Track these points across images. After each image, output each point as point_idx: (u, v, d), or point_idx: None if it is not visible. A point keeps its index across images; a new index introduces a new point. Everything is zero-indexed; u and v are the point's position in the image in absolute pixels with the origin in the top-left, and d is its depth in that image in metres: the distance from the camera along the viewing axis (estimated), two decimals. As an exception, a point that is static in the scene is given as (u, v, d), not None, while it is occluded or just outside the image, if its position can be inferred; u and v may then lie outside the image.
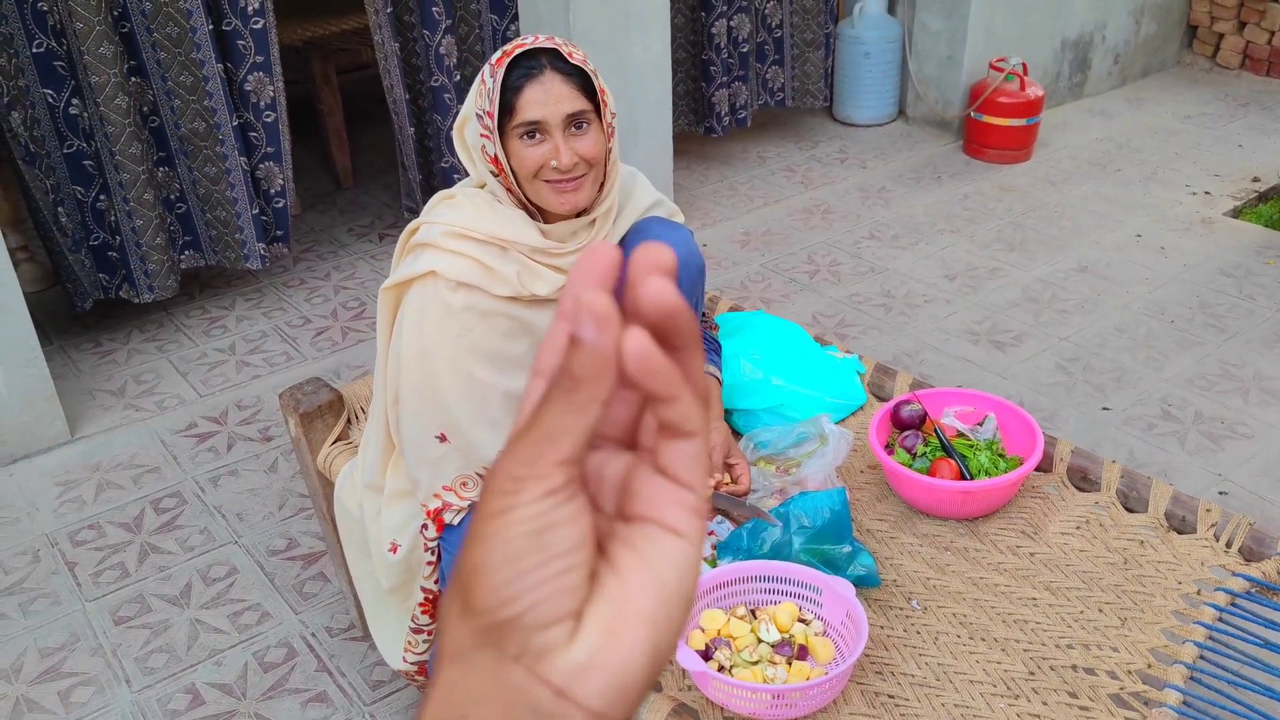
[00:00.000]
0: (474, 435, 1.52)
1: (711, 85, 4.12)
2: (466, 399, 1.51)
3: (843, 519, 1.56)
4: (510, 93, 1.45)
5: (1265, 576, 1.53)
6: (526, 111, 1.45)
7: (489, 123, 1.47)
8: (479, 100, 1.48)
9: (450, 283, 1.47)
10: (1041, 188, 4.12)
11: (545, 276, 1.54)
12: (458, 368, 1.49)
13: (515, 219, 1.53)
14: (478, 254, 1.49)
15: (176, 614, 2.22)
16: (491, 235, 1.50)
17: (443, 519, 1.56)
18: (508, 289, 1.50)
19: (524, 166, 1.48)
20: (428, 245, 1.50)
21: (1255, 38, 5.19)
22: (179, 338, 3.25)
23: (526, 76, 1.45)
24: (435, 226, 1.51)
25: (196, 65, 2.94)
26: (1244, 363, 2.95)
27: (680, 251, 1.63)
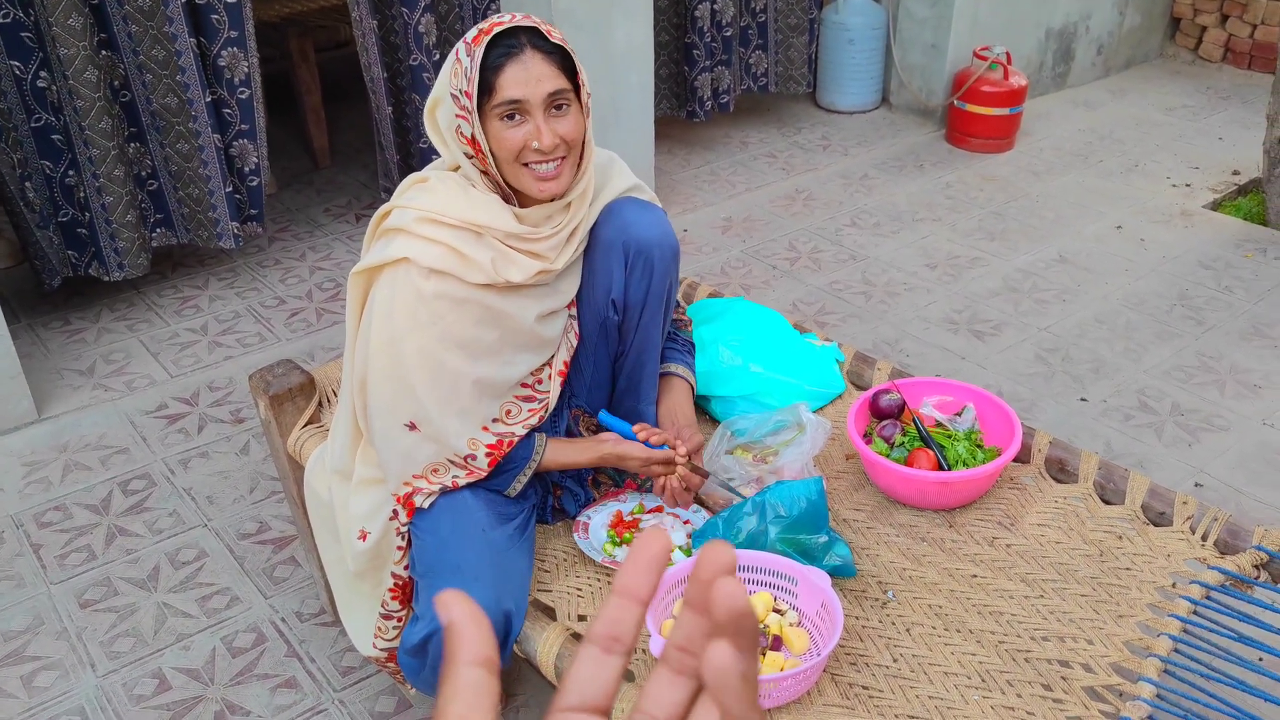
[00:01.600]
0: (444, 424, 1.49)
1: (694, 69, 4.08)
2: (436, 387, 1.48)
3: (819, 509, 1.54)
4: (489, 72, 1.41)
5: (1240, 570, 1.52)
6: (507, 91, 1.41)
7: (466, 103, 1.42)
8: (454, 80, 1.44)
9: (423, 269, 1.44)
10: (1023, 177, 4.12)
11: (520, 263, 1.51)
12: (427, 356, 1.46)
13: (490, 204, 1.49)
14: (451, 240, 1.45)
15: (144, 598, 2.19)
16: (466, 221, 1.46)
17: (413, 503, 1.53)
18: (482, 276, 1.47)
19: (504, 148, 1.44)
20: (400, 230, 1.47)
21: (1237, 31, 5.20)
22: (150, 317, 3.19)
23: (506, 55, 1.41)
24: (408, 211, 1.48)
25: (169, 39, 2.88)
26: (1221, 355, 2.96)
27: (655, 232, 1.61)
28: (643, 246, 1.60)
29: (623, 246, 1.60)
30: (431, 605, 1.45)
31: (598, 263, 1.62)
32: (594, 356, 1.70)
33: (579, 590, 1.57)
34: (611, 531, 1.65)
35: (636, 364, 1.71)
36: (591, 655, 0.39)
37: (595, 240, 1.62)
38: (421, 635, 1.47)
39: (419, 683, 1.60)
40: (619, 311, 1.65)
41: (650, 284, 1.63)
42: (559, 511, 1.71)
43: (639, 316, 1.65)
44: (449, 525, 1.52)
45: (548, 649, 1.43)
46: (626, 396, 1.75)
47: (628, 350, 1.70)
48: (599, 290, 1.64)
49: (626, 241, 1.60)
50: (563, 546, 1.66)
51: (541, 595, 1.56)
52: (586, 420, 1.77)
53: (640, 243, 1.60)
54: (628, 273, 1.62)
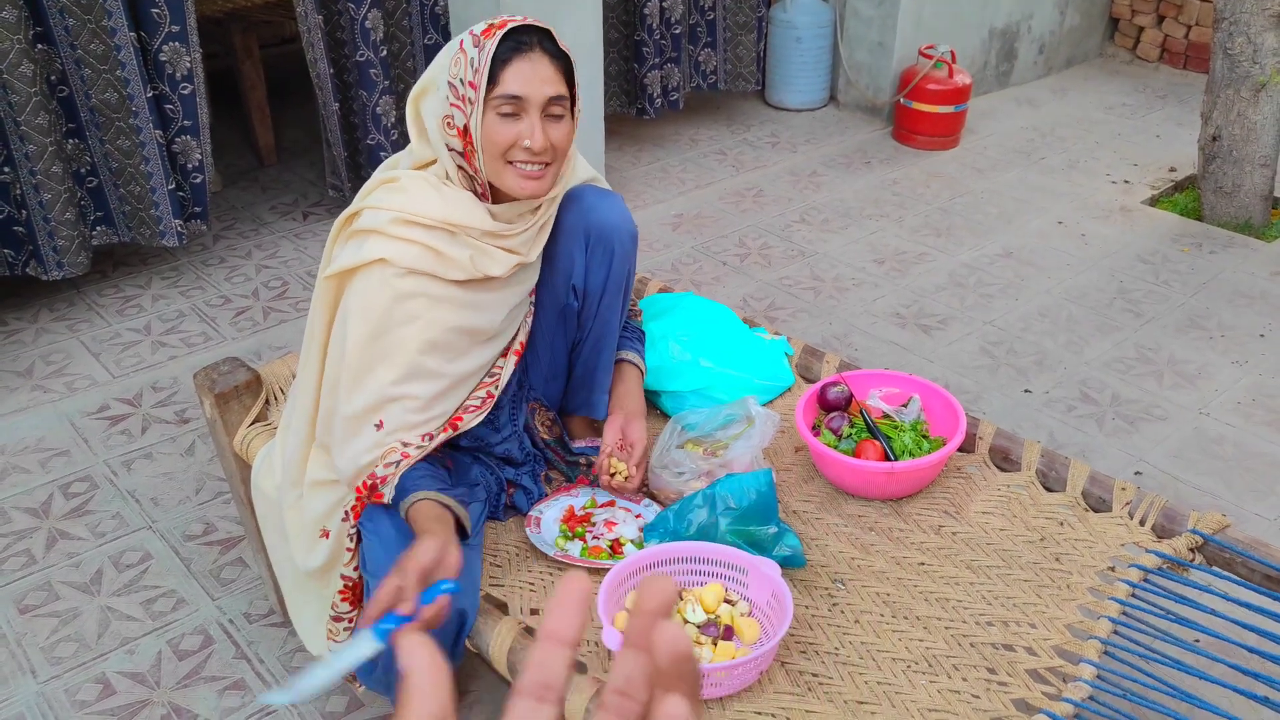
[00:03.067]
0: (414, 419, 1.49)
1: (644, 66, 4.09)
2: (409, 384, 1.47)
3: (768, 500, 1.55)
4: (496, 64, 1.40)
5: (1176, 553, 1.56)
6: (510, 85, 1.41)
7: (470, 93, 1.41)
8: (455, 67, 1.42)
9: (399, 269, 1.43)
10: (968, 174, 4.18)
11: (498, 257, 1.50)
12: (405, 355, 1.46)
13: (463, 201, 1.49)
14: (427, 239, 1.45)
15: (86, 602, 2.15)
16: (442, 220, 1.45)
17: (380, 493, 1.50)
18: (461, 273, 1.47)
19: (494, 143, 1.43)
20: (373, 231, 1.45)
21: (1173, 31, 5.33)
22: (91, 317, 3.13)
23: (515, 50, 1.41)
24: (380, 212, 1.46)
25: (107, 33, 2.82)
26: (1159, 347, 3.03)
27: (615, 217, 1.62)
28: (603, 231, 1.61)
29: (584, 231, 1.61)
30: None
31: (559, 248, 1.63)
32: (551, 345, 1.70)
33: (531, 585, 1.57)
34: (564, 526, 1.66)
35: (594, 351, 1.71)
36: (525, 706, 0.39)
37: (556, 226, 1.62)
38: (372, 633, 1.46)
39: (370, 682, 1.59)
40: (579, 298, 1.65)
41: (610, 269, 1.64)
42: (510, 508, 1.71)
43: (598, 303, 1.66)
44: (393, 526, 1.51)
45: (500, 643, 1.43)
46: (582, 386, 1.75)
47: (586, 337, 1.70)
48: (559, 276, 1.64)
49: (588, 227, 1.61)
50: (515, 541, 1.66)
51: (494, 590, 1.56)
52: (543, 414, 1.77)
53: (601, 227, 1.61)
54: (588, 258, 1.63)
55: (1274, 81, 3.46)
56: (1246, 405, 2.76)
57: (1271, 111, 3.51)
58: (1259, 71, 3.45)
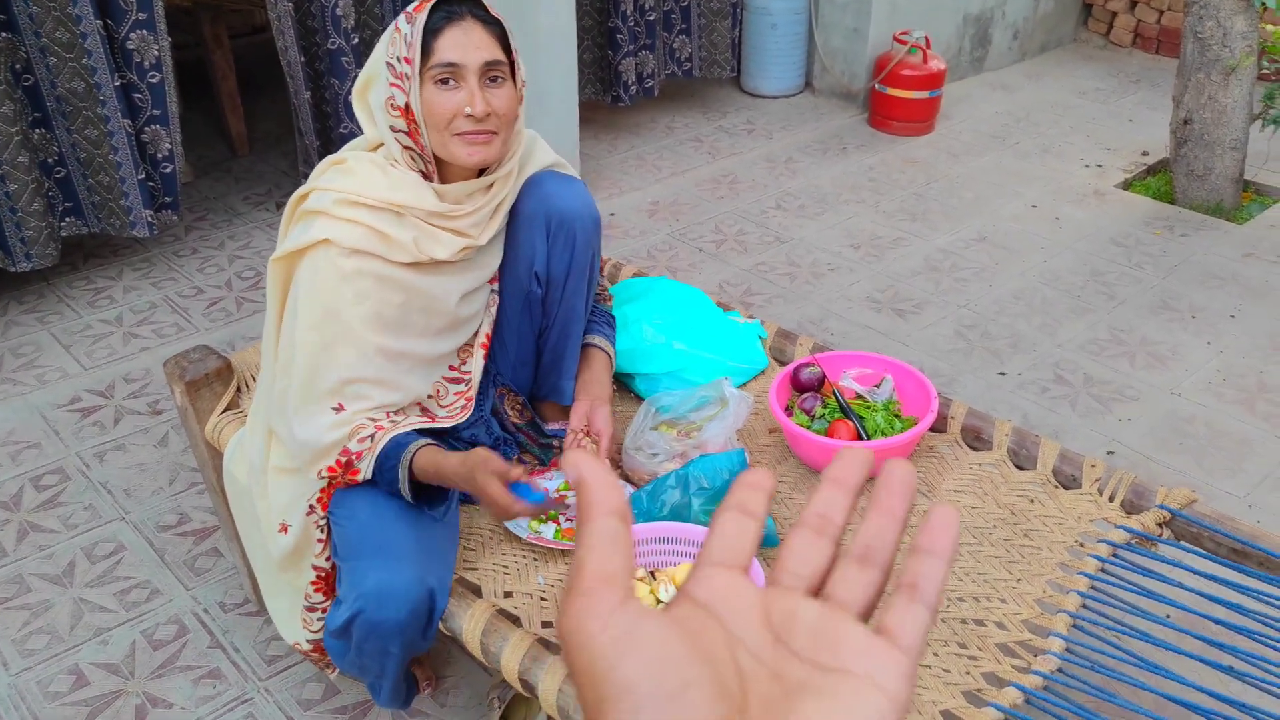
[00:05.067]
0: (375, 401, 1.48)
1: (618, 53, 4.08)
2: (365, 366, 1.46)
3: (741, 480, 1.56)
4: (428, 35, 1.41)
5: (1144, 528, 1.58)
6: (444, 53, 1.40)
7: (405, 69, 1.41)
8: (392, 48, 1.43)
9: (344, 249, 1.43)
10: (943, 159, 4.20)
11: (444, 240, 1.50)
12: (356, 335, 1.45)
13: (410, 182, 1.48)
14: (372, 221, 1.44)
15: (59, 593, 2.13)
16: (386, 201, 1.45)
17: (356, 469, 1.48)
18: (406, 255, 1.46)
19: (436, 115, 1.42)
20: (319, 213, 1.45)
21: (1145, 17, 5.36)
22: (61, 309, 3.10)
23: (446, 20, 1.41)
24: (326, 194, 1.46)
25: (73, 21, 2.79)
26: (1132, 329, 3.05)
27: (576, 203, 1.62)
28: (565, 218, 1.61)
29: (544, 218, 1.61)
30: (354, 587, 1.44)
31: (520, 236, 1.62)
32: (518, 332, 1.70)
33: (505, 568, 1.57)
34: (537, 509, 1.65)
35: (561, 337, 1.71)
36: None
37: (517, 214, 1.62)
38: (345, 617, 1.45)
39: (345, 665, 1.58)
40: (542, 284, 1.65)
41: (573, 255, 1.63)
42: (484, 492, 1.70)
43: (562, 289, 1.66)
44: (368, 508, 1.51)
45: (473, 626, 1.43)
46: (550, 372, 1.75)
47: (552, 324, 1.70)
48: (521, 264, 1.63)
49: (548, 213, 1.60)
50: (488, 524, 1.65)
51: (467, 573, 1.56)
52: (512, 399, 1.77)
53: (562, 214, 1.61)
54: (550, 244, 1.62)
55: (1244, 65, 3.48)
56: (1217, 385, 2.79)
57: (1241, 95, 3.54)
58: (1229, 55, 3.48)
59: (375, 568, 1.42)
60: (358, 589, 1.42)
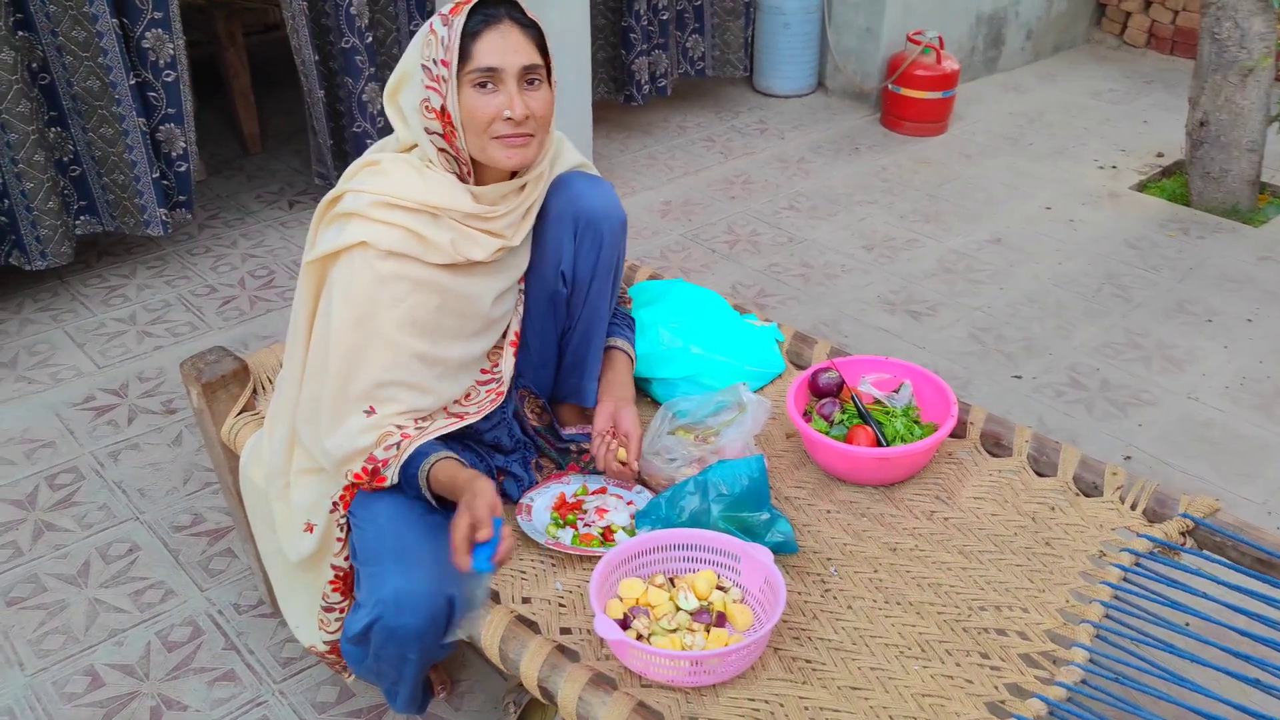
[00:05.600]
0: (405, 404, 1.48)
1: (631, 53, 4.07)
2: (399, 369, 1.46)
3: (760, 486, 1.55)
4: (466, 39, 1.39)
5: (1167, 537, 1.57)
6: (483, 58, 1.39)
7: (443, 71, 1.40)
8: (428, 49, 1.41)
9: (380, 252, 1.42)
10: (956, 160, 4.18)
11: (480, 241, 1.50)
12: (391, 338, 1.44)
13: (445, 183, 1.48)
14: (409, 223, 1.44)
15: (74, 594, 2.13)
16: (423, 203, 1.44)
17: (383, 476, 1.48)
18: (442, 256, 1.46)
19: (476, 119, 1.42)
20: (354, 215, 1.44)
21: (1160, 17, 5.33)
22: (75, 307, 3.10)
23: (485, 23, 1.40)
24: (361, 195, 1.45)
25: (89, 20, 2.79)
26: (1147, 332, 3.04)
27: (602, 203, 1.61)
28: (592, 218, 1.61)
29: (572, 218, 1.61)
30: (373, 593, 1.43)
31: (547, 235, 1.62)
32: (541, 333, 1.70)
33: (523, 574, 1.56)
34: (555, 514, 1.65)
35: (584, 339, 1.71)
36: None
37: (544, 213, 1.61)
38: (364, 623, 1.45)
39: (361, 670, 1.58)
40: (568, 284, 1.65)
41: (599, 255, 1.63)
42: (502, 497, 1.70)
43: (588, 289, 1.66)
44: (388, 512, 1.50)
45: (492, 633, 1.42)
46: (572, 374, 1.75)
47: (575, 325, 1.69)
48: (549, 263, 1.63)
49: (576, 213, 1.60)
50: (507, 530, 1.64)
51: (485, 579, 1.55)
52: (533, 401, 1.76)
53: (589, 214, 1.60)
54: (577, 244, 1.62)
55: (1261, 66, 3.46)
56: (1234, 389, 2.77)
57: (1259, 96, 3.52)
58: (1246, 56, 3.46)
59: (395, 574, 1.42)
60: (377, 594, 1.42)
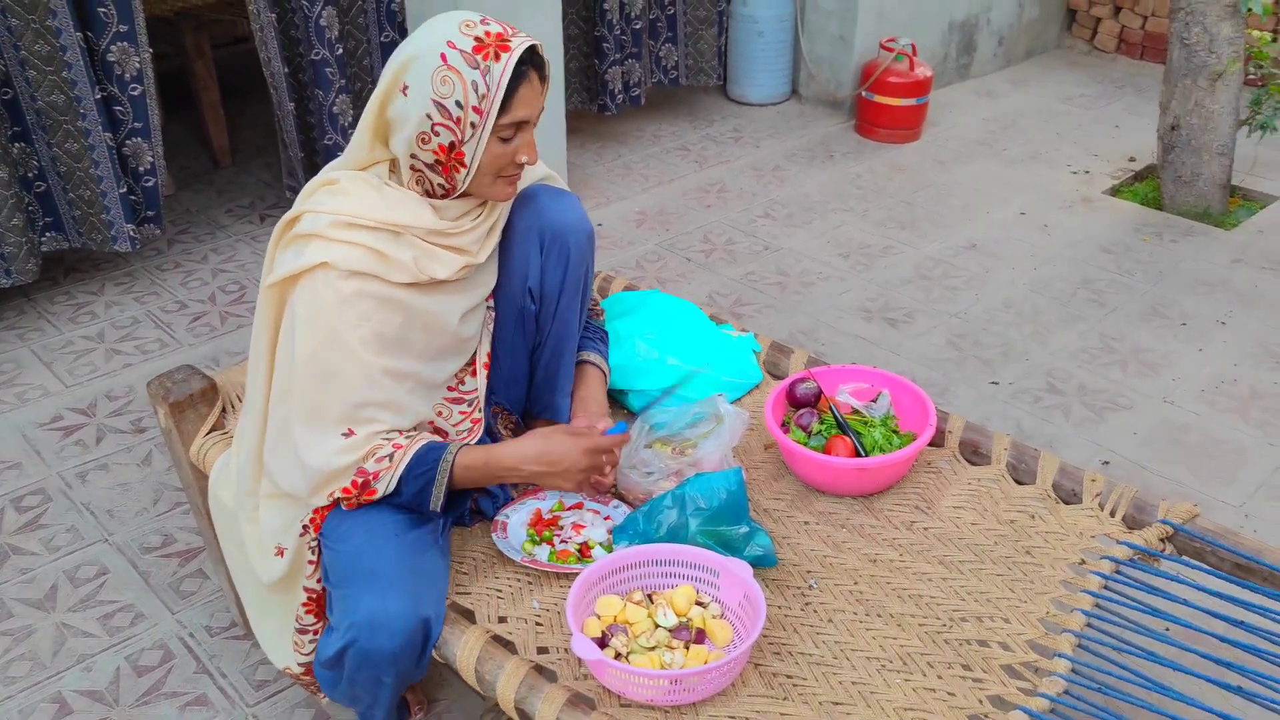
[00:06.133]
0: (387, 424, 1.46)
1: (604, 62, 4.06)
2: (372, 389, 1.43)
3: (739, 499, 1.53)
4: (505, 91, 1.38)
5: (1147, 543, 1.56)
6: (517, 112, 1.40)
7: (472, 117, 1.37)
8: (446, 88, 1.35)
9: (342, 272, 1.40)
10: (931, 167, 4.19)
11: (443, 258, 1.47)
12: (359, 358, 1.42)
13: (407, 201, 1.45)
14: (370, 241, 1.41)
15: (41, 619, 2.08)
16: (384, 221, 1.42)
17: (373, 489, 1.45)
18: (406, 275, 1.43)
19: (495, 164, 1.43)
20: (313, 236, 1.41)
21: (1129, 22, 5.37)
22: (42, 325, 3.05)
23: (520, 78, 1.39)
24: (320, 216, 1.42)
25: (53, 33, 2.74)
26: (1123, 336, 3.05)
27: (570, 217, 1.60)
28: (559, 232, 1.59)
29: (539, 233, 1.59)
30: (346, 616, 1.40)
31: (514, 250, 1.60)
32: (511, 349, 1.67)
33: (499, 591, 1.54)
34: (531, 530, 1.62)
35: (555, 354, 1.69)
36: None
37: (510, 229, 1.59)
38: (337, 647, 1.42)
39: (335, 695, 1.55)
40: (536, 300, 1.63)
41: (567, 270, 1.61)
42: (477, 514, 1.68)
43: (556, 304, 1.64)
44: (362, 533, 1.48)
45: (468, 653, 1.40)
46: (544, 389, 1.73)
47: (545, 340, 1.67)
48: (516, 279, 1.61)
49: (542, 227, 1.59)
50: (481, 547, 1.62)
51: (460, 598, 1.52)
52: (506, 418, 1.74)
53: (556, 228, 1.59)
54: (544, 259, 1.60)
55: (1230, 70, 3.49)
56: (1210, 392, 2.78)
57: (1228, 100, 3.54)
58: (1215, 61, 3.48)
59: (368, 596, 1.39)
60: (350, 618, 1.39)
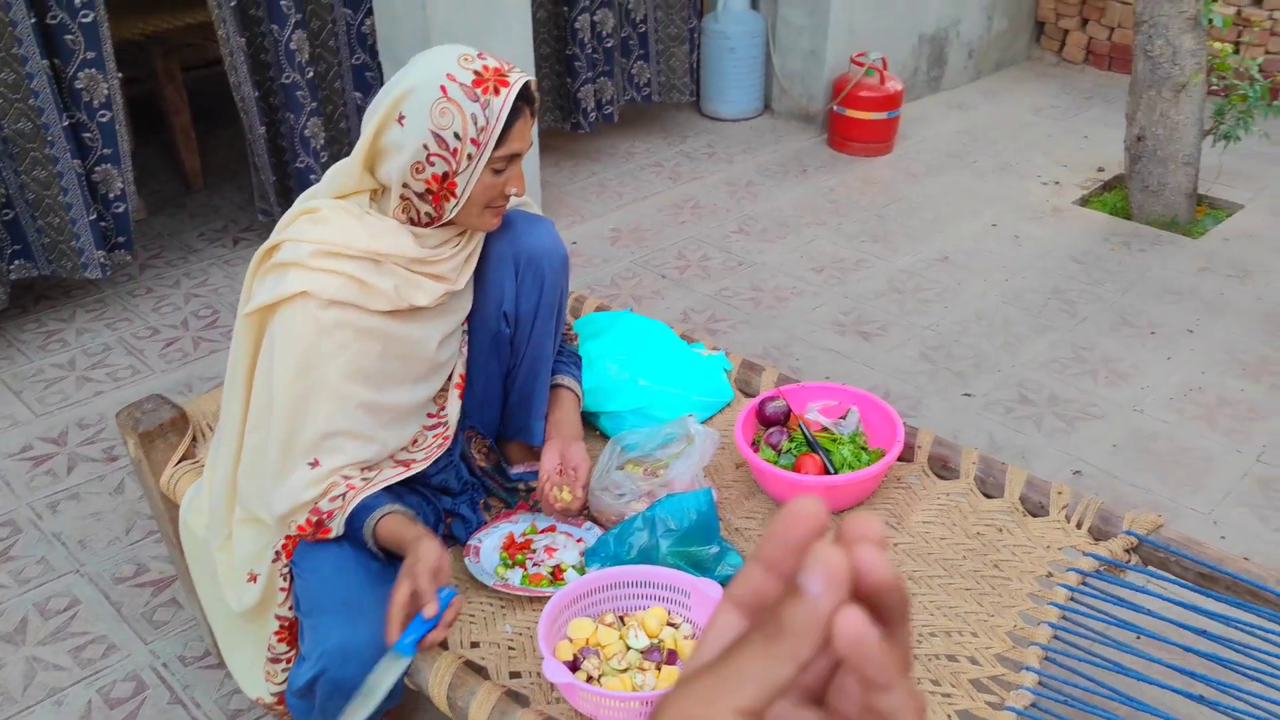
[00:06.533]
0: (350, 455, 1.46)
1: (577, 81, 4.08)
2: (343, 419, 1.44)
3: (709, 520, 1.54)
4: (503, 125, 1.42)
5: (1112, 554, 1.57)
6: (513, 145, 1.44)
7: (469, 149, 1.39)
8: (445, 119, 1.38)
9: (322, 301, 1.40)
10: (903, 180, 4.22)
11: (425, 286, 1.49)
12: (334, 388, 1.42)
13: (389, 229, 1.46)
14: (351, 270, 1.42)
15: (10, 652, 2.06)
16: (366, 250, 1.43)
17: (327, 528, 1.45)
18: (386, 303, 1.44)
19: (485, 195, 1.46)
20: (293, 265, 1.41)
21: (1097, 34, 5.44)
22: (11, 354, 3.03)
23: (516, 114, 1.42)
24: (301, 245, 1.42)
25: (19, 61, 2.73)
26: (1093, 345, 3.07)
27: (544, 242, 1.62)
28: (533, 256, 1.60)
29: (513, 257, 1.60)
30: (317, 645, 1.40)
31: (489, 275, 1.61)
32: (485, 373, 1.68)
33: (471, 617, 1.54)
34: (504, 554, 1.62)
35: (529, 377, 1.69)
36: (728, 620, 0.38)
37: (486, 254, 1.61)
38: (308, 676, 1.41)
39: (308, 726, 1.54)
40: (511, 324, 1.64)
41: (541, 294, 1.63)
42: (449, 539, 1.68)
43: (530, 328, 1.65)
44: (332, 562, 1.47)
45: (439, 680, 1.39)
46: (518, 412, 1.73)
47: (520, 363, 1.68)
48: (490, 303, 1.62)
49: (517, 252, 1.60)
50: (454, 572, 1.62)
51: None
52: (479, 441, 1.74)
53: (530, 252, 1.60)
54: (518, 283, 1.62)
55: (1193, 82, 3.54)
56: (1178, 400, 2.81)
57: (1192, 111, 3.59)
58: (1179, 73, 3.53)
59: (338, 625, 1.39)
60: (321, 646, 1.38)
